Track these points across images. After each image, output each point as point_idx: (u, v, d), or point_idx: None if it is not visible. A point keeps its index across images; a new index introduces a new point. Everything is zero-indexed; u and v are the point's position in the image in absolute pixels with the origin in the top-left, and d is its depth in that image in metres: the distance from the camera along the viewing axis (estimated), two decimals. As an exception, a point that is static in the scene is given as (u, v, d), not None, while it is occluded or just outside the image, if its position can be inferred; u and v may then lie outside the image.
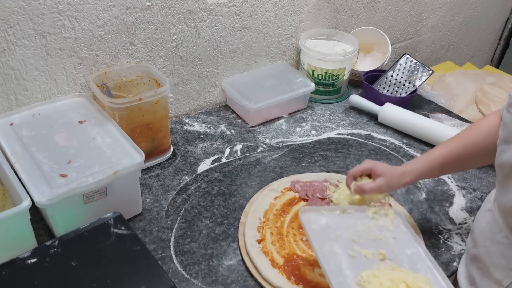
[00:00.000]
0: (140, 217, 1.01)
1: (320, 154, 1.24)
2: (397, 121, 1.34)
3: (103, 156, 0.93)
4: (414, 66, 1.45)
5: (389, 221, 0.87)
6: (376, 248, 0.80)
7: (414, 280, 0.72)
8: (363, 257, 0.78)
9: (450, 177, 1.18)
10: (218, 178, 1.13)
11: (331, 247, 0.79)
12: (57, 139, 0.97)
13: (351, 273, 0.75)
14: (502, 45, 2.36)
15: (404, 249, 0.81)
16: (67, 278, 0.74)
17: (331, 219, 0.86)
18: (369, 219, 0.87)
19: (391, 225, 0.86)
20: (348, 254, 0.78)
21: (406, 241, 0.83)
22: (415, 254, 0.80)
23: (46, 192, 0.83)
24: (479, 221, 0.84)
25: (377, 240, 0.83)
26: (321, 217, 0.86)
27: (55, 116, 1.03)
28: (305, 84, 1.39)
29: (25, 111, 1.04)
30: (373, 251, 0.79)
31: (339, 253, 0.79)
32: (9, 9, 0.95)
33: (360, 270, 0.75)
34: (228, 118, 1.37)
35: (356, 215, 0.88)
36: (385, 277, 0.73)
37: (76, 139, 0.97)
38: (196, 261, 0.92)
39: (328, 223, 0.85)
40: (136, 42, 1.16)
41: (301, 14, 1.44)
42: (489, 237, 0.78)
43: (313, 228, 0.83)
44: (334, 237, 0.82)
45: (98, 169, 0.89)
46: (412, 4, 1.73)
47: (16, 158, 0.90)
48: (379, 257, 0.79)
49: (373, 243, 0.82)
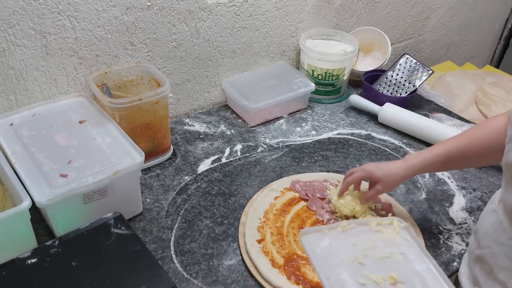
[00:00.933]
0: (140, 217, 1.01)
1: (320, 154, 1.24)
2: (397, 121, 1.34)
3: (103, 156, 0.93)
4: (414, 66, 1.45)
5: (394, 232, 0.83)
6: (386, 271, 0.76)
7: None
8: (374, 284, 0.74)
9: (450, 177, 1.18)
10: (218, 178, 1.13)
11: (338, 275, 0.75)
12: (57, 139, 0.97)
13: None
14: (502, 45, 2.36)
15: (414, 266, 0.78)
16: (67, 278, 0.74)
17: (334, 237, 0.82)
18: (372, 232, 0.83)
19: (396, 237, 0.82)
20: (357, 282, 0.74)
21: (414, 256, 0.79)
22: (426, 271, 0.77)
23: (46, 192, 0.83)
24: (483, 221, 0.84)
25: (385, 259, 0.79)
26: (323, 238, 0.81)
27: (55, 116, 1.03)
28: (305, 84, 1.39)
29: (25, 111, 1.04)
30: (383, 275, 0.76)
31: (348, 281, 0.74)
32: (9, 9, 0.95)
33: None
34: (228, 118, 1.37)
35: (359, 230, 0.84)
36: None
37: (76, 139, 0.97)
38: (196, 261, 0.92)
39: (331, 243, 0.81)
40: (136, 42, 1.16)
41: (301, 14, 1.44)
42: (494, 238, 0.78)
43: (316, 253, 0.79)
44: (340, 262, 0.78)
45: (98, 169, 0.89)
46: (412, 4, 1.73)
47: (16, 158, 0.90)
48: (390, 281, 0.75)
49: (382, 264, 0.78)
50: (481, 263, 0.81)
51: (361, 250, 0.80)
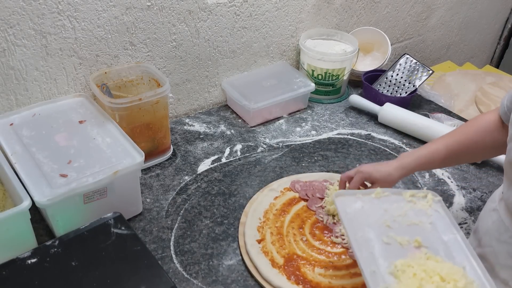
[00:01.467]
0: (140, 217, 1.01)
1: (320, 154, 1.24)
2: (397, 121, 1.34)
3: (103, 156, 0.93)
4: (414, 66, 1.45)
5: (427, 204, 0.83)
6: (412, 235, 0.77)
7: (449, 272, 0.70)
8: (398, 244, 0.76)
9: (450, 177, 1.18)
10: (218, 178, 1.13)
11: (365, 233, 0.77)
12: (57, 139, 0.97)
13: (384, 262, 0.72)
14: (502, 45, 2.36)
15: (441, 236, 0.78)
16: (67, 278, 0.74)
17: (367, 202, 0.83)
18: (405, 202, 0.84)
19: (428, 209, 0.83)
20: (382, 241, 0.76)
21: (443, 227, 0.80)
22: (452, 241, 0.77)
23: (46, 192, 0.83)
24: (483, 220, 0.84)
25: (413, 225, 0.79)
26: (356, 201, 0.83)
27: (55, 116, 1.03)
28: (305, 84, 1.39)
29: (25, 111, 1.04)
30: (408, 238, 0.76)
31: (373, 239, 0.76)
32: (9, 9, 0.95)
33: (394, 259, 0.73)
34: (228, 118, 1.37)
35: (393, 198, 0.84)
36: (419, 268, 0.70)
37: (76, 139, 0.97)
38: (196, 261, 0.92)
39: (363, 206, 0.82)
40: (136, 42, 1.16)
41: (301, 14, 1.44)
42: (495, 237, 0.78)
43: (347, 212, 0.80)
44: (368, 223, 0.79)
45: (98, 169, 0.89)
46: (412, 4, 1.73)
47: (16, 158, 0.90)
48: (415, 245, 0.76)
49: (409, 229, 0.78)
50: (482, 261, 0.81)
51: (391, 215, 0.81)
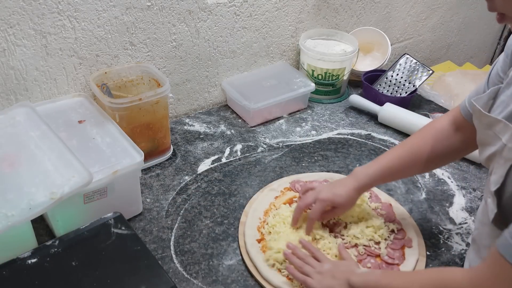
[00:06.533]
0: (140, 217, 1.01)
1: (320, 154, 1.24)
2: (397, 121, 1.34)
3: (103, 156, 0.93)
4: (414, 66, 1.45)
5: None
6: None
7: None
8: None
9: (450, 177, 1.18)
10: (218, 178, 1.13)
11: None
12: (57, 139, 0.97)
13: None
14: (502, 45, 2.35)
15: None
16: (67, 278, 0.74)
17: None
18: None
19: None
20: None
21: None
22: None
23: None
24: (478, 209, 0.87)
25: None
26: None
27: (55, 116, 1.03)
28: (305, 84, 1.39)
29: (25, 111, 1.04)
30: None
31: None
32: (9, 9, 0.95)
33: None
34: (228, 118, 1.37)
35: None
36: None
37: (76, 139, 0.97)
38: (196, 261, 0.92)
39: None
40: (136, 42, 1.16)
41: (301, 14, 1.44)
42: (480, 219, 0.81)
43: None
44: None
45: (98, 169, 0.89)
46: (412, 4, 1.73)
47: (16, 158, 0.90)
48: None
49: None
50: (473, 244, 0.85)
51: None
